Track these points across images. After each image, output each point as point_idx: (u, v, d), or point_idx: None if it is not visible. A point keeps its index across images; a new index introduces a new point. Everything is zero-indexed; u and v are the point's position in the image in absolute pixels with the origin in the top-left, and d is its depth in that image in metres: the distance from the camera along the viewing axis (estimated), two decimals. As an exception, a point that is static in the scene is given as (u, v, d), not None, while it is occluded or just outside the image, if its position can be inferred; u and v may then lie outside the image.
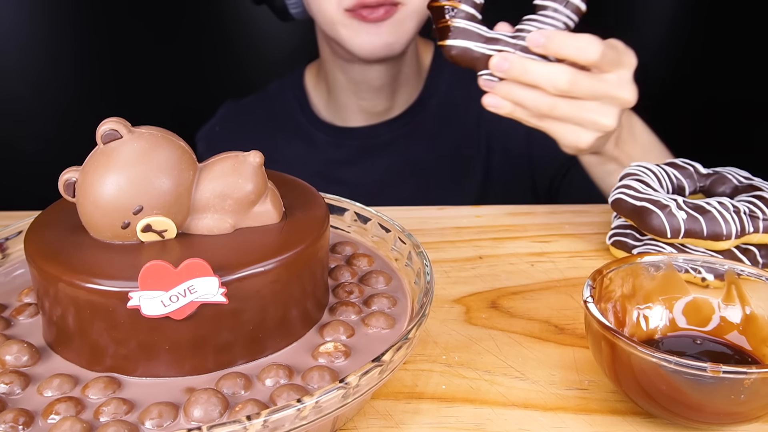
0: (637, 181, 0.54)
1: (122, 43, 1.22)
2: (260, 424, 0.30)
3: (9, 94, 1.20)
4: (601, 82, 0.56)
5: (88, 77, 1.23)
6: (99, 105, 1.21)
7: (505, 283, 0.53)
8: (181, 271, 0.34)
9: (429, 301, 0.38)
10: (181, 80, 1.25)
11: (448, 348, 0.44)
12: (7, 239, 0.47)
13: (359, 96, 0.86)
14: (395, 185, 0.88)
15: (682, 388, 0.34)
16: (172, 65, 1.24)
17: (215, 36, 1.26)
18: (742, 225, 0.50)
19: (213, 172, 0.38)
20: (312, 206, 0.42)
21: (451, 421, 0.38)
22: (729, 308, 0.41)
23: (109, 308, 0.34)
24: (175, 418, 0.33)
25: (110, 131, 0.36)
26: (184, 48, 1.24)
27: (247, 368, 0.37)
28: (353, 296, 0.43)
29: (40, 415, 0.33)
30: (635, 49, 0.60)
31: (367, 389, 0.33)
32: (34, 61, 1.20)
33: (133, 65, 1.23)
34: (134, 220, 0.37)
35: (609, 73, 0.56)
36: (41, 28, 1.19)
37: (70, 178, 0.37)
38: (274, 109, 0.93)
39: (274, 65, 1.20)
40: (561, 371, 0.42)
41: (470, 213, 0.65)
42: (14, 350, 0.37)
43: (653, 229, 0.51)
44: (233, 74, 1.27)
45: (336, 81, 0.87)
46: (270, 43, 1.28)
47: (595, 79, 0.56)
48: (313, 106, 0.92)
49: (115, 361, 0.36)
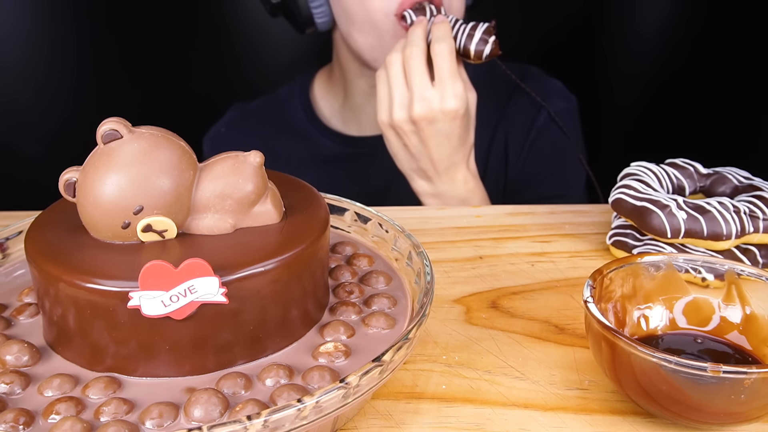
0: (637, 181, 0.54)
1: (123, 43, 1.22)
2: (260, 424, 0.30)
3: (9, 95, 1.20)
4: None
5: (89, 77, 1.23)
6: (99, 106, 1.21)
7: (506, 283, 0.53)
8: (182, 271, 0.34)
9: (429, 301, 0.38)
10: (182, 81, 1.25)
11: (448, 348, 0.44)
12: (7, 239, 0.47)
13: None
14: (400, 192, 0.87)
15: (682, 388, 0.34)
16: (173, 66, 1.24)
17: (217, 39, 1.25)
18: (742, 225, 0.50)
19: (213, 172, 0.38)
20: (312, 206, 0.42)
21: (451, 421, 0.38)
22: (729, 308, 0.41)
23: (109, 308, 0.34)
24: (175, 418, 0.33)
25: (110, 131, 0.36)
26: (185, 49, 1.24)
27: (248, 368, 0.37)
28: (353, 296, 0.43)
29: (41, 415, 0.33)
30: (633, 38, 0.62)
31: (368, 389, 0.33)
32: (34, 62, 1.20)
33: (134, 65, 1.23)
34: (134, 220, 0.37)
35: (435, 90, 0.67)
36: (41, 29, 1.19)
37: (70, 178, 0.37)
38: (281, 112, 0.93)
39: (281, 70, 1.21)
40: (561, 371, 0.42)
41: (470, 213, 0.65)
42: (15, 350, 0.37)
43: (653, 229, 0.51)
44: (238, 79, 1.27)
45: (355, 88, 0.87)
46: (276, 49, 1.28)
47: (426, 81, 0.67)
48: (320, 112, 0.92)
49: (116, 361, 0.36)
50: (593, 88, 1.26)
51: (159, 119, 0.41)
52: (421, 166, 0.71)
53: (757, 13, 1.17)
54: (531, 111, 0.88)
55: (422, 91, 0.67)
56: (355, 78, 0.86)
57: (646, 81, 1.29)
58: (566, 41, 1.27)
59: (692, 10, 1.26)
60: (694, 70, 1.24)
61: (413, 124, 0.68)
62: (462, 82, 0.68)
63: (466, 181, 0.73)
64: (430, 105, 0.67)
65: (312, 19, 0.81)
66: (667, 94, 1.27)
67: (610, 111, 1.32)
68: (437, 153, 0.70)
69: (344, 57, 0.86)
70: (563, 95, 0.91)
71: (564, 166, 0.87)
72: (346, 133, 0.90)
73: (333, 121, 0.91)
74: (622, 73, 1.31)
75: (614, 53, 1.31)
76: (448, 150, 0.70)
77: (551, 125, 0.87)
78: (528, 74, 0.90)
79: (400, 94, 0.68)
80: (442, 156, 0.70)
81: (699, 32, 1.24)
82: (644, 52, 1.29)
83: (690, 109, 1.28)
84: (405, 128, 0.69)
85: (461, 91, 0.67)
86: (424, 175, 0.72)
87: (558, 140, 0.87)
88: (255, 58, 1.30)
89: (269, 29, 1.23)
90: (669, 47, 1.27)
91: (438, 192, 0.73)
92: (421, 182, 0.73)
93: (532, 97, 0.86)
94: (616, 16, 1.29)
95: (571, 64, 1.22)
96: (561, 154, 0.87)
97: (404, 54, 0.68)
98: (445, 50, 0.67)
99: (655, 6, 1.29)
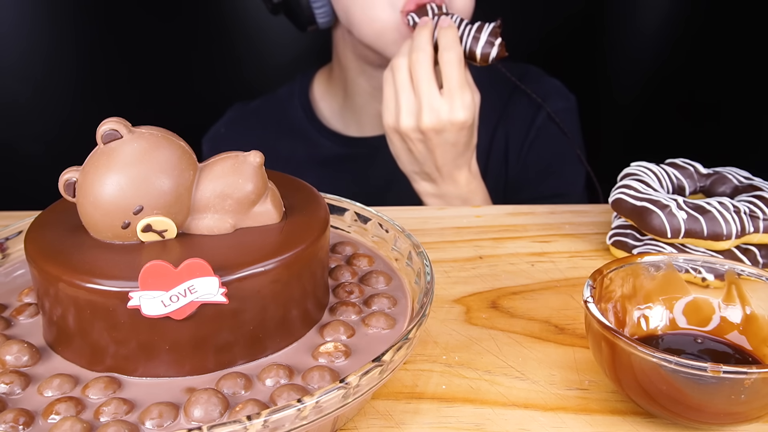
0: (637, 181, 0.54)
1: (123, 43, 1.22)
2: (260, 424, 0.30)
3: (9, 95, 1.20)
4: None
5: (89, 77, 1.23)
6: (99, 106, 1.21)
7: (506, 283, 0.53)
8: (182, 271, 0.34)
9: (429, 301, 0.38)
10: (182, 81, 1.25)
11: (448, 348, 0.44)
12: (7, 239, 0.47)
13: (380, 102, 0.85)
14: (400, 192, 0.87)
15: (682, 388, 0.34)
16: (173, 66, 1.24)
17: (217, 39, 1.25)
18: (743, 225, 0.50)
19: (213, 172, 0.38)
20: (312, 206, 0.42)
21: (451, 421, 0.38)
22: (729, 308, 0.41)
23: (109, 308, 0.34)
24: (175, 418, 0.33)
25: (110, 131, 0.36)
26: (185, 49, 1.24)
27: (248, 368, 0.37)
28: (353, 296, 0.43)
29: (41, 415, 0.33)
30: (633, 36, 0.62)
31: (368, 389, 0.33)
32: (33, 62, 1.20)
33: (134, 66, 1.23)
34: (134, 220, 0.37)
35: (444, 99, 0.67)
36: (41, 29, 1.19)
37: (70, 178, 0.37)
38: (281, 113, 0.93)
39: (281, 70, 1.20)
40: (561, 371, 0.42)
41: (470, 213, 0.65)
42: (14, 350, 0.37)
43: (653, 229, 0.51)
44: (238, 79, 1.27)
45: (356, 88, 0.87)
46: (276, 49, 1.28)
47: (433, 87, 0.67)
48: (320, 112, 0.92)
49: (116, 361, 0.36)
50: (593, 87, 1.26)
51: (159, 119, 0.41)
52: (424, 169, 0.72)
53: (757, 12, 1.17)
54: (530, 110, 0.88)
55: (431, 101, 0.67)
56: (355, 77, 0.86)
57: (646, 79, 1.29)
58: (566, 41, 1.27)
59: (692, 8, 1.26)
60: (694, 68, 1.24)
61: (421, 133, 0.68)
62: (471, 92, 0.67)
63: (468, 181, 0.73)
64: (439, 116, 0.67)
65: (313, 16, 0.81)
66: (666, 93, 1.27)
67: (610, 110, 1.32)
68: (442, 159, 0.70)
69: (344, 56, 0.86)
70: (562, 95, 0.91)
71: (564, 165, 0.87)
72: (346, 134, 0.90)
73: (333, 121, 0.91)
74: (622, 72, 1.31)
75: (614, 52, 1.31)
76: (452, 156, 0.70)
77: (551, 125, 0.87)
78: (527, 74, 0.90)
79: (407, 101, 0.68)
80: (446, 161, 0.70)
81: (699, 30, 1.24)
82: (644, 50, 1.29)
83: (690, 109, 1.28)
84: (412, 136, 0.69)
85: (470, 102, 0.67)
86: (428, 178, 0.73)
87: (558, 140, 0.87)
88: (255, 58, 1.30)
89: (269, 29, 1.23)
90: (669, 45, 1.27)
91: (441, 193, 0.73)
92: (424, 184, 0.73)
93: (532, 97, 0.86)
94: (617, 14, 1.29)
95: (570, 63, 1.22)
96: (561, 153, 0.87)
97: (411, 59, 0.68)
98: (453, 59, 0.66)
99: (655, 3, 1.29)
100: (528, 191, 0.87)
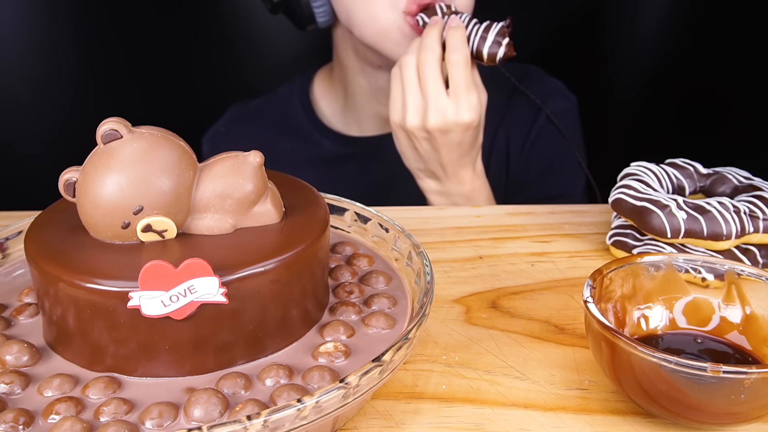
0: (637, 181, 0.54)
1: (123, 44, 1.22)
2: (260, 424, 0.30)
3: (9, 95, 1.20)
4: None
5: (89, 77, 1.23)
6: (99, 106, 1.21)
7: (506, 283, 0.53)
8: (182, 271, 0.34)
9: (429, 301, 0.38)
10: (182, 81, 1.25)
11: (448, 348, 0.44)
12: (7, 239, 0.47)
13: (380, 101, 0.86)
14: (400, 192, 0.87)
15: (682, 388, 0.34)
16: (173, 66, 1.24)
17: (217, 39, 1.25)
18: (742, 225, 0.50)
19: (213, 172, 0.38)
20: (312, 206, 0.42)
21: (451, 421, 0.38)
22: (729, 308, 0.41)
23: (109, 308, 0.34)
24: (175, 418, 0.33)
25: (110, 131, 0.36)
26: (185, 49, 1.24)
27: (248, 368, 0.37)
28: (353, 296, 0.43)
29: (41, 415, 0.33)
30: (633, 35, 0.62)
31: (367, 389, 0.33)
32: (34, 61, 1.20)
33: (134, 66, 1.23)
34: (134, 220, 0.37)
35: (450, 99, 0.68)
36: (42, 29, 1.19)
37: (70, 178, 0.37)
38: (281, 112, 0.93)
39: (281, 70, 1.20)
40: (561, 371, 0.42)
41: (470, 213, 0.65)
42: (14, 350, 0.37)
43: (653, 229, 0.51)
44: (238, 79, 1.27)
45: (357, 87, 0.87)
46: (276, 49, 1.28)
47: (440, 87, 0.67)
48: (320, 112, 0.91)
49: (116, 361, 0.36)
50: (593, 86, 1.26)
51: (159, 119, 0.41)
52: (429, 167, 0.72)
53: (757, 9, 1.17)
54: (531, 110, 0.88)
55: (437, 101, 0.67)
56: (355, 76, 0.86)
57: (646, 79, 1.29)
58: (566, 40, 1.27)
59: (692, 5, 1.26)
60: (694, 68, 1.24)
61: (426, 132, 0.68)
62: (477, 93, 0.67)
63: (473, 180, 0.73)
64: (444, 116, 0.67)
65: (313, 16, 0.81)
66: (666, 92, 1.27)
67: (610, 109, 1.32)
68: (447, 158, 0.70)
69: (345, 55, 0.86)
70: (563, 95, 0.91)
71: (564, 165, 0.87)
72: (347, 133, 0.90)
73: (333, 120, 0.91)
74: (622, 72, 1.31)
75: (614, 51, 1.31)
76: (458, 155, 0.70)
77: (551, 125, 0.87)
78: (529, 74, 0.90)
79: (414, 100, 0.68)
80: (451, 160, 0.70)
81: (698, 28, 1.23)
82: (644, 50, 1.29)
83: (690, 108, 1.28)
84: (417, 135, 0.69)
85: (476, 103, 0.67)
86: (432, 175, 0.73)
87: (559, 140, 0.87)
88: (255, 57, 1.29)
89: (269, 29, 1.23)
90: (669, 45, 1.27)
91: (445, 191, 0.73)
92: (428, 181, 0.74)
93: (531, 98, 0.86)
94: (617, 13, 1.29)
95: (570, 63, 1.22)
96: (561, 153, 0.87)
97: (419, 58, 0.68)
98: (460, 61, 0.67)
99: (655, 1, 1.29)
100: (529, 191, 0.87)
